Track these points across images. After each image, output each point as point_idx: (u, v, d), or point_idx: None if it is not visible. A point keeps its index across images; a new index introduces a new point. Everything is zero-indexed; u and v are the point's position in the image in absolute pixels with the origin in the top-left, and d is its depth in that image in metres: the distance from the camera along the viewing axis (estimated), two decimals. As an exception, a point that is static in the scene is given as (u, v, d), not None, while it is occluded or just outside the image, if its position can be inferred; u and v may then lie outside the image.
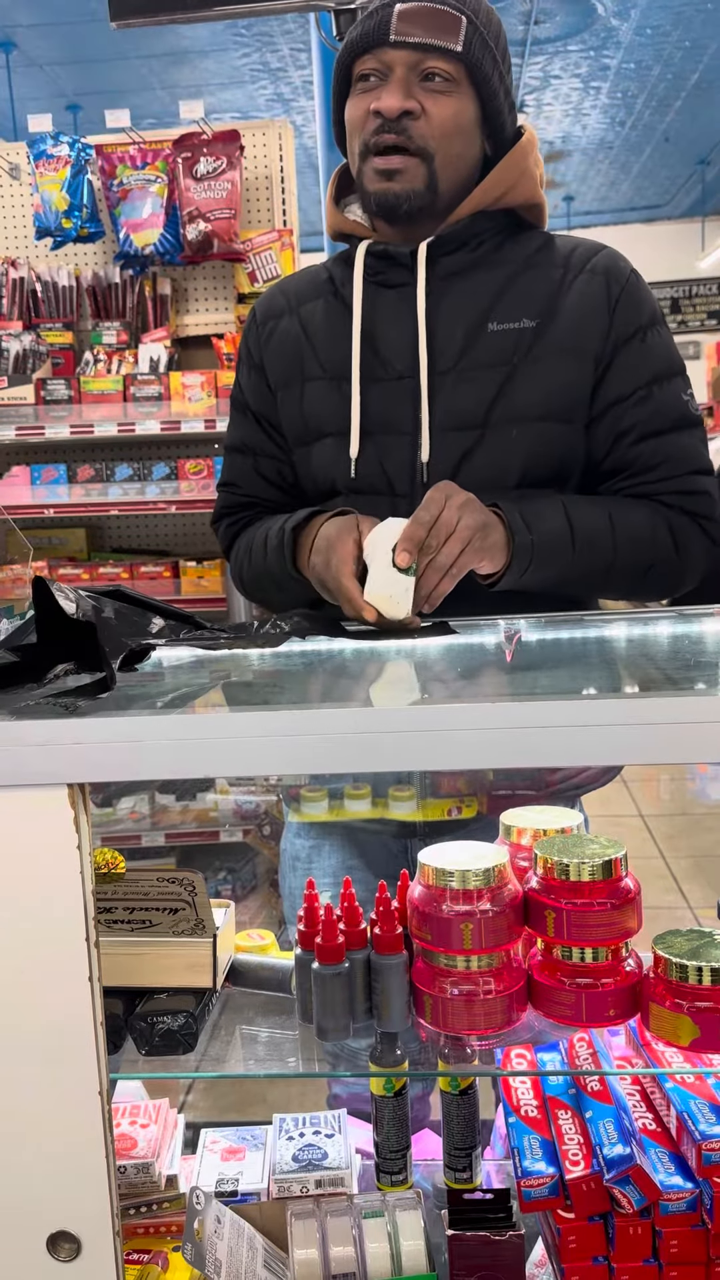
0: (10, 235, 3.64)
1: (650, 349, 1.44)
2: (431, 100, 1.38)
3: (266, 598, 1.59)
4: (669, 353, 1.45)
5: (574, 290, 1.43)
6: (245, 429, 1.58)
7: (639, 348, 1.43)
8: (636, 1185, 1.04)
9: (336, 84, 1.46)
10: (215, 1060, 1.10)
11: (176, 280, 3.59)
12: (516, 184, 1.45)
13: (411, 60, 1.37)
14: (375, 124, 1.38)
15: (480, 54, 1.39)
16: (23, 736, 0.86)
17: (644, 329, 1.44)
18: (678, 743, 0.84)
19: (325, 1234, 1.13)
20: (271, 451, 1.55)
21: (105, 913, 1.08)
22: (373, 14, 1.39)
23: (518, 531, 1.32)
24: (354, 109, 1.43)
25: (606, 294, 1.43)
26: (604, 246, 1.49)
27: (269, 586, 1.53)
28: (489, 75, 1.40)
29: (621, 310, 1.42)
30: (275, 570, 1.45)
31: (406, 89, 1.38)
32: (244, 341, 1.59)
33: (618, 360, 1.42)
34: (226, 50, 7.29)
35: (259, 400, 1.55)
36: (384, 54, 1.38)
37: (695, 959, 0.97)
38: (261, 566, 1.50)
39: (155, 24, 2.66)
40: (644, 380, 1.42)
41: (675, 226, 12.57)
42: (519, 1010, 1.02)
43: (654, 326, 1.45)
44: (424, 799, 1.46)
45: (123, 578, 3.45)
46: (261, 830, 3.32)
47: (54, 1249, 0.92)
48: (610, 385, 1.42)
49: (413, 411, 1.42)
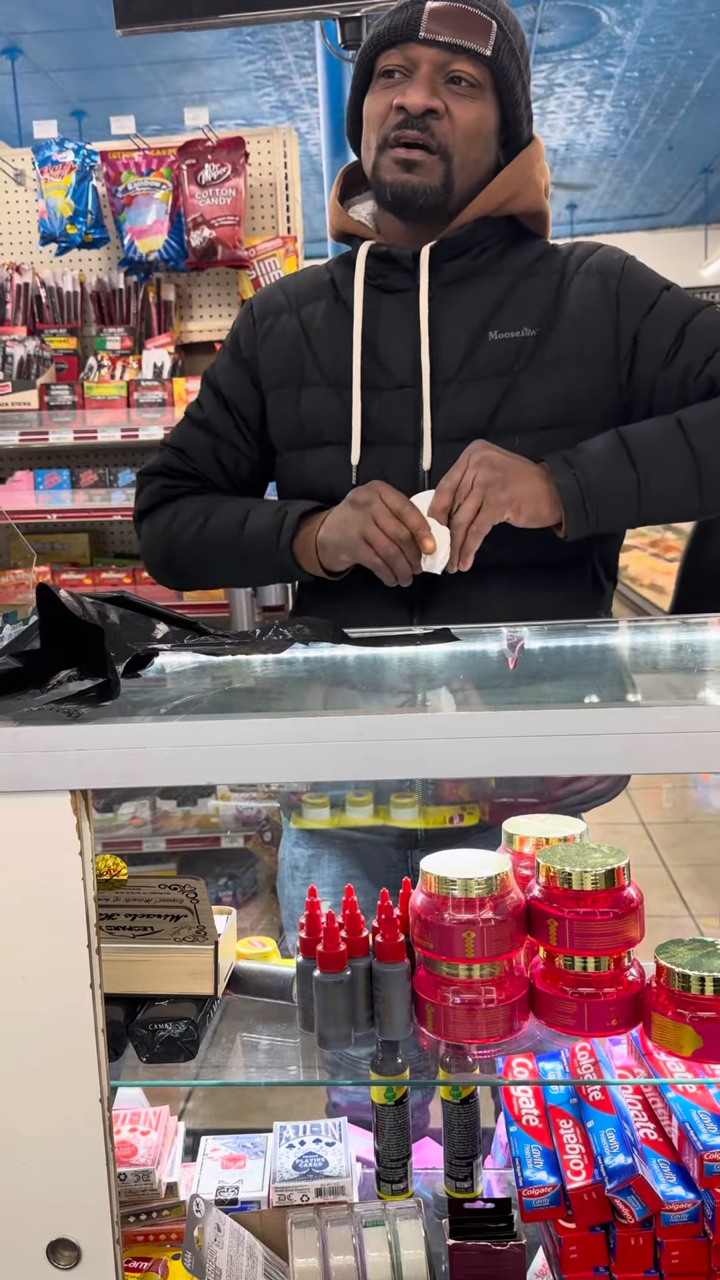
0: (15, 241, 3.65)
1: (669, 306, 1.43)
2: (456, 102, 1.38)
3: (198, 569, 1.56)
4: (685, 301, 1.45)
5: (572, 295, 1.43)
6: (214, 410, 1.56)
7: (660, 315, 1.42)
8: (638, 1195, 1.04)
9: (357, 77, 1.46)
10: (216, 1068, 1.10)
11: (180, 286, 3.59)
12: (521, 191, 1.44)
13: (439, 60, 1.37)
14: (398, 119, 1.38)
15: (507, 61, 1.39)
16: (26, 743, 0.86)
17: (655, 300, 1.43)
18: (681, 752, 0.84)
19: (326, 1243, 1.12)
20: (235, 441, 1.54)
21: (107, 919, 1.08)
22: (402, 9, 1.39)
23: (557, 471, 1.33)
24: (375, 103, 1.42)
25: (604, 290, 1.43)
26: (598, 245, 1.49)
27: (217, 557, 1.51)
28: (513, 83, 1.41)
29: (625, 300, 1.42)
30: (253, 545, 1.45)
31: (432, 87, 1.37)
32: (235, 332, 1.57)
33: (643, 338, 1.41)
34: (231, 57, 7.32)
35: (236, 391, 1.54)
36: (411, 50, 1.38)
37: (698, 969, 0.97)
38: (224, 538, 1.48)
39: (161, 31, 2.67)
40: (676, 330, 1.41)
41: (678, 234, 12.61)
42: (521, 1019, 1.01)
43: (663, 292, 1.44)
44: (426, 806, 1.45)
45: (125, 583, 3.44)
46: (263, 836, 3.32)
47: (54, 1256, 0.92)
48: (647, 360, 1.41)
49: (414, 420, 1.41)
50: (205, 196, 3.31)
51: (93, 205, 3.39)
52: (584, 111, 8.89)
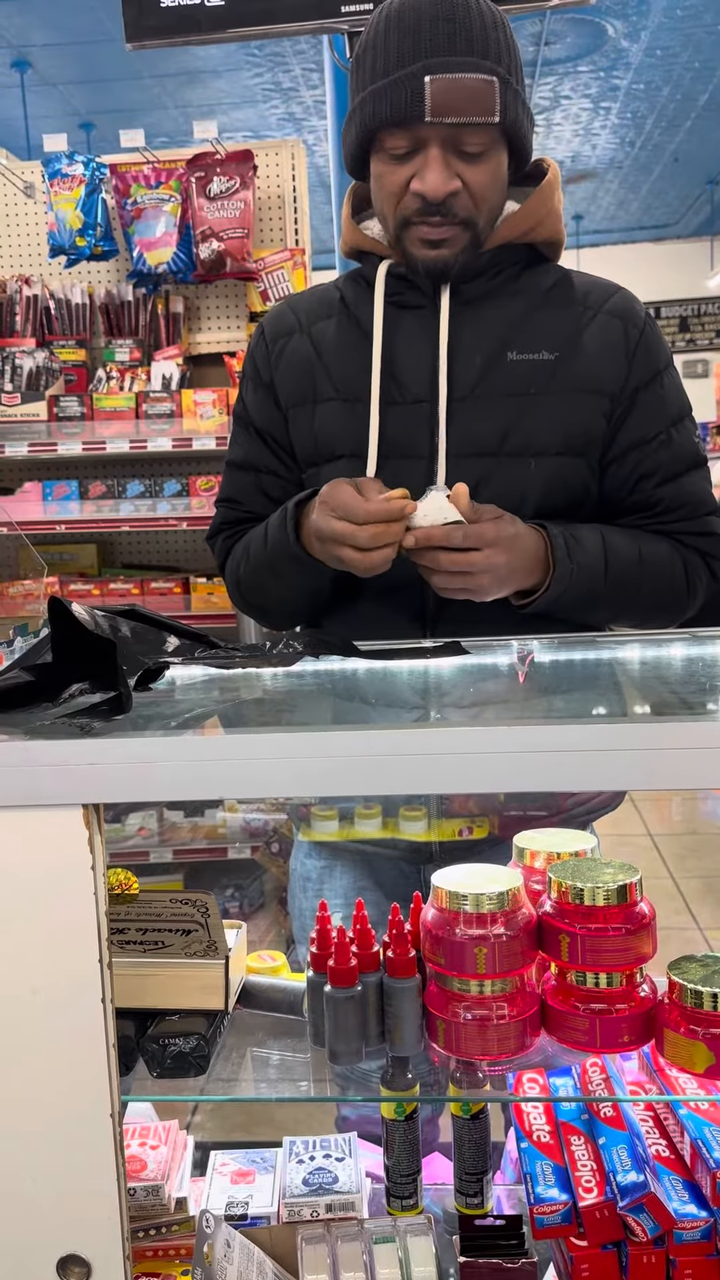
0: (24, 253, 3.67)
1: (668, 393, 1.47)
2: (471, 170, 1.35)
3: (263, 599, 1.55)
4: (680, 395, 1.50)
5: (592, 330, 1.44)
6: (249, 446, 1.56)
7: (658, 392, 1.46)
8: (650, 1213, 1.03)
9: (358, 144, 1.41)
10: (226, 1082, 1.09)
11: (189, 298, 3.61)
12: (543, 221, 1.45)
13: (448, 136, 1.32)
14: (417, 204, 1.36)
15: (515, 110, 1.35)
16: (38, 757, 0.86)
17: (660, 373, 1.46)
18: (694, 767, 0.84)
19: (336, 1259, 1.12)
20: (276, 469, 1.54)
21: (118, 934, 1.08)
22: (399, 85, 1.31)
23: (560, 560, 1.35)
24: (387, 175, 1.38)
25: (625, 338, 1.44)
26: (619, 288, 1.50)
27: (266, 579, 1.49)
28: (520, 123, 1.37)
29: (640, 356, 1.44)
30: (275, 551, 1.43)
31: (446, 166, 1.33)
32: (250, 359, 1.57)
33: (638, 404, 1.44)
34: (239, 70, 7.35)
35: (265, 419, 1.54)
36: (419, 131, 1.33)
37: (711, 985, 0.97)
38: (260, 557, 1.47)
39: (171, 45, 2.68)
40: (664, 424, 1.46)
41: (684, 246, 12.63)
42: (532, 1035, 1.01)
43: (668, 369, 1.48)
44: (435, 819, 1.45)
45: (133, 594, 3.45)
46: (270, 848, 3.31)
47: (64, 1272, 0.92)
48: (632, 428, 1.44)
49: (429, 436, 1.41)
50: (214, 209, 3.32)
51: (102, 218, 3.41)
52: (590, 124, 8.92)
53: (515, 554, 1.32)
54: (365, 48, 1.37)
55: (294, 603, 1.52)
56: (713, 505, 1.49)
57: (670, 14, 6.78)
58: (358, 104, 1.38)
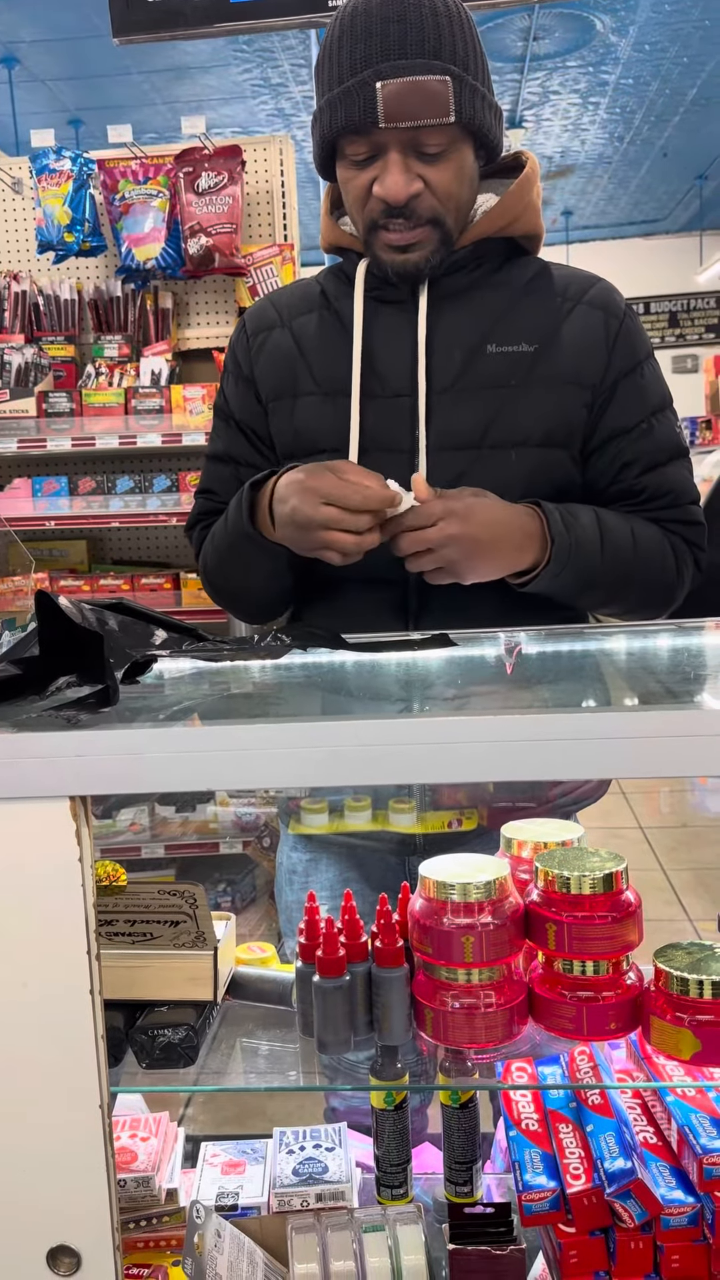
0: (12, 249, 3.66)
1: (648, 383, 1.47)
2: (432, 170, 1.34)
3: (226, 583, 1.55)
4: (661, 385, 1.50)
5: (571, 321, 1.44)
6: (229, 439, 1.56)
7: (639, 382, 1.46)
8: (638, 1199, 1.04)
9: (322, 151, 1.41)
10: (216, 1073, 1.10)
11: (178, 294, 3.60)
12: (521, 216, 1.45)
13: (405, 139, 1.32)
14: (381, 207, 1.36)
15: (471, 106, 1.33)
16: (25, 749, 0.86)
17: (641, 363, 1.47)
18: (678, 756, 0.85)
19: (326, 1248, 1.12)
20: (256, 462, 1.54)
21: (106, 925, 1.08)
22: (352, 93, 1.31)
23: (558, 534, 1.35)
24: (351, 180, 1.38)
25: (605, 329, 1.44)
26: (598, 279, 1.51)
27: (228, 562, 1.49)
28: (481, 116, 1.35)
29: (620, 346, 1.45)
30: (234, 533, 1.42)
31: (406, 168, 1.33)
32: (231, 353, 1.57)
33: (619, 394, 1.45)
34: (228, 66, 7.33)
35: (246, 412, 1.54)
36: (375, 136, 1.32)
37: (696, 972, 0.97)
38: (222, 540, 1.47)
39: (158, 40, 2.68)
40: (645, 414, 1.46)
41: (673, 241, 12.63)
42: (520, 1023, 1.02)
43: (649, 359, 1.49)
44: (424, 811, 1.46)
45: (123, 589, 3.45)
46: (261, 842, 3.32)
47: (54, 1263, 0.92)
48: (613, 418, 1.45)
49: (410, 430, 1.42)
50: (202, 204, 3.32)
51: (90, 213, 3.40)
52: (579, 119, 8.92)
53: (477, 525, 1.29)
54: (321, 54, 1.37)
55: (256, 588, 1.51)
56: (695, 495, 1.50)
57: (658, 9, 6.78)
58: (317, 112, 1.38)
